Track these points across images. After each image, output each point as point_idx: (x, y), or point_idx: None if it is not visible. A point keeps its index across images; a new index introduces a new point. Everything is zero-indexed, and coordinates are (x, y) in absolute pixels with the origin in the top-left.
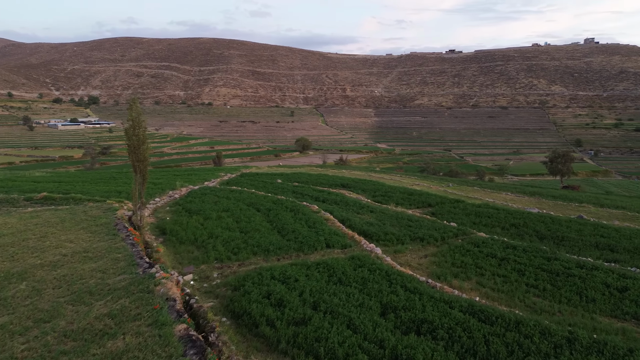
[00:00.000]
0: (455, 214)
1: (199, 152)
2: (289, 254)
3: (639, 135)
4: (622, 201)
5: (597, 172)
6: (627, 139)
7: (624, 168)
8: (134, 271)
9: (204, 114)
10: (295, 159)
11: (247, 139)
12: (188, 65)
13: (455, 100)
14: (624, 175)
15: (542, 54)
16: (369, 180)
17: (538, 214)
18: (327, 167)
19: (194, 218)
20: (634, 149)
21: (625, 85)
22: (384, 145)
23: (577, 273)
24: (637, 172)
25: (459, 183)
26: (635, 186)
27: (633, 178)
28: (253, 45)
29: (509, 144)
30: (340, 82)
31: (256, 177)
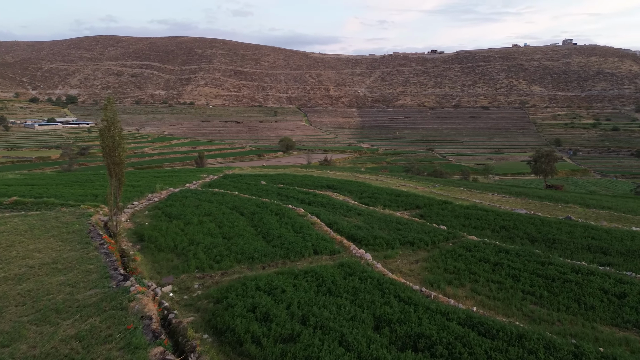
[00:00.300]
0: (444, 216)
1: (180, 153)
2: (275, 261)
3: (616, 134)
4: (608, 201)
5: (576, 171)
6: (605, 138)
7: (602, 167)
8: (106, 285)
9: (185, 114)
10: (279, 159)
11: (230, 139)
12: (169, 65)
13: (437, 100)
14: (602, 174)
15: (521, 55)
16: (355, 182)
17: (527, 216)
18: (311, 168)
19: (174, 223)
20: (611, 148)
21: (603, 86)
22: (368, 145)
23: (574, 278)
24: (614, 171)
25: (445, 184)
26: (613, 184)
27: (611, 177)
28: (235, 44)
29: (491, 144)
30: (323, 82)
31: (239, 178)
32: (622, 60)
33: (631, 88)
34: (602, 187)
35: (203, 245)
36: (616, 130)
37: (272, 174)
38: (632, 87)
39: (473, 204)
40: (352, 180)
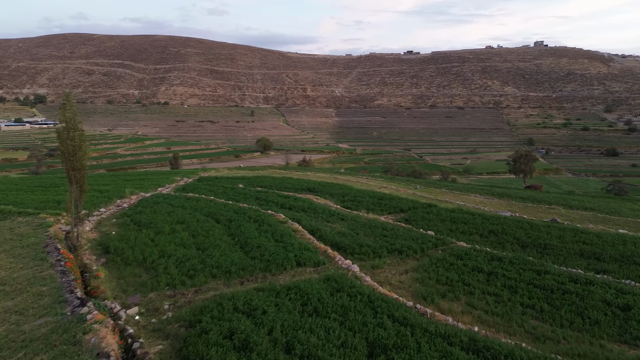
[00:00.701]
0: (430, 220)
1: (154, 154)
2: (255, 275)
3: (586, 134)
4: (589, 202)
5: (549, 170)
6: (576, 138)
7: (573, 166)
8: (60, 311)
9: (160, 114)
10: (257, 159)
11: (205, 139)
12: (142, 64)
13: (413, 100)
14: (574, 173)
15: (495, 56)
16: (336, 184)
17: (515, 219)
18: (290, 169)
19: (143, 232)
20: (582, 147)
21: (573, 87)
22: (346, 145)
23: (573, 289)
24: (585, 170)
25: (426, 185)
26: (584, 183)
27: (582, 175)
28: (211, 43)
29: (466, 143)
30: (300, 82)
31: (215, 181)
32: (591, 62)
33: (600, 89)
34: (574, 186)
35: (175, 257)
36: (586, 130)
37: (249, 176)
38: (601, 87)
39: (458, 206)
40: (333, 182)
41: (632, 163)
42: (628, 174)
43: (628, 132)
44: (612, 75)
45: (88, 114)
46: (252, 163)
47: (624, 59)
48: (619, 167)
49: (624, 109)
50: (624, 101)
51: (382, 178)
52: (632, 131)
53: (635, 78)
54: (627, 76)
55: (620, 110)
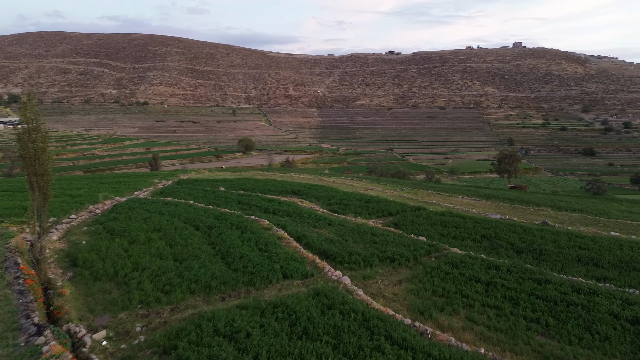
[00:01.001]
0: (420, 225)
1: (134, 154)
2: (237, 289)
3: (564, 134)
4: (577, 203)
5: (528, 169)
6: (554, 137)
7: (552, 165)
8: (11, 342)
9: (139, 114)
10: (239, 160)
11: (186, 140)
12: (121, 62)
13: (395, 100)
14: (553, 172)
15: (475, 57)
16: (322, 186)
17: (507, 223)
18: (274, 171)
19: (116, 242)
20: (560, 147)
21: (551, 87)
22: (328, 145)
23: (577, 300)
24: (564, 169)
25: (412, 186)
26: (563, 182)
27: (561, 174)
28: (191, 42)
29: (447, 143)
30: (282, 82)
31: (195, 184)
32: (568, 63)
33: (577, 89)
34: (554, 185)
35: (150, 270)
36: (564, 129)
37: (231, 178)
38: (578, 88)
39: (447, 209)
40: (318, 184)
41: (608, 162)
42: (605, 172)
43: (604, 132)
44: (588, 76)
45: (64, 114)
46: (234, 163)
47: (599, 60)
48: (596, 166)
49: (600, 109)
50: (600, 101)
51: (367, 179)
52: (608, 131)
53: (610, 79)
54: (603, 77)
55: (596, 111)
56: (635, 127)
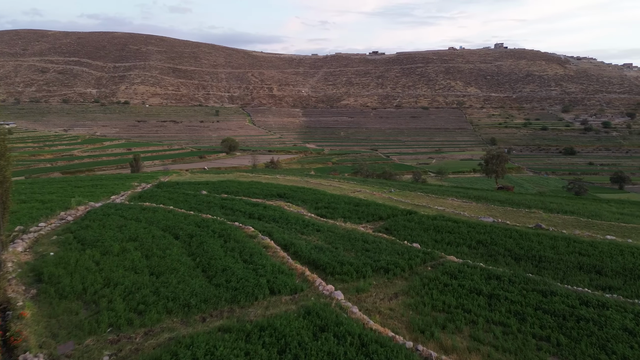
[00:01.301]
0: (412, 230)
1: (114, 155)
2: (219, 308)
3: (545, 133)
4: (568, 204)
5: (511, 168)
6: (535, 137)
7: (534, 164)
8: None
9: (119, 114)
10: (222, 160)
11: (168, 140)
12: (101, 61)
13: (379, 100)
14: (534, 171)
15: (457, 57)
16: (308, 188)
17: (502, 227)
18: (258, 172)
19: (87, 253)
20: (542, 146)
21: (532, 88)
22: (313, 145)
23: (587, 315)
24: (545, 168)
25: (401, 188)
26: (545, 181)
27: (542, 174)
28: (173, 41)
29: (431, 143)
30: (266, 82)
31: (176, 187)
32: (548, 64)
33: (557, 90)
34: (536, 184)
35: (123, 287)
36: (545, 129)
37: (214, 180)
38: (558, 88)
39: (439, 213)
40: (305, 186)
41: (588, 161)
42: (585, 171)
43: (584, 132)
44: (568, 77)
45: (42, 114)
46: (218, 164)
47: (579, 61)
48: (577, 165)
49: (579, 109)
50: (580, 102)
51: (354, 181)
52: (588, 130)
53: (590, 79)
54: (582, 77)
55: (576, 111)
56: (614, 127)
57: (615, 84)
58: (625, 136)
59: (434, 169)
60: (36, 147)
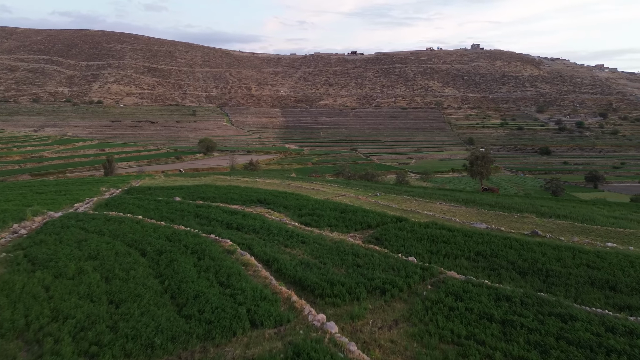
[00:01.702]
0: (405, 240)
1: (87, 156)
2: (190, 347)
3: (521, 133)
4: (559, 208)
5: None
6: (512, 137)
7: (511, 164)
8: None
9: (92, 113)
10: (200, 161)
11: (144, 140)
12: (73, 60)
13: (359, 100)
14: (512, 171)
15: (435, 58)
16: (290, 193)
17: (500, 236)
18: (236, 174)
19: (37, 276)
20: (518, 146)
21: (508, 88)
22: (293, 145)
23: (617, 345)
24: (522, 168)
25: (386, 190)
26: (522, 180)
27: (519, 173)
28: (148, 39)
29: (410, 143)
30: (244, 81)
31: (148, 193)
32: (523, 65)
33: (532, 90)
34: (514, 184)
35: (74, 321)
36: (521, 129)
37: (189, 185)
38: (533, 89)
39: (431, 220)
40: (286, 190)
41: (563, 161)
42: (560, 171)
43: (558, 132)
44: (542, 78)
45: (11, 114)
46: (195, 165)
47: (552, 62)
48: (552, 164)
49: (554, 109)
50: (554, 102)
51: (337, 183)
52: (562, 130)
53: (563, 80)
54: (556, 78)
55: (550, 111)
56: (587, 127)
57: (587, 84)
58: (598, 136)
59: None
60: (4, 148)
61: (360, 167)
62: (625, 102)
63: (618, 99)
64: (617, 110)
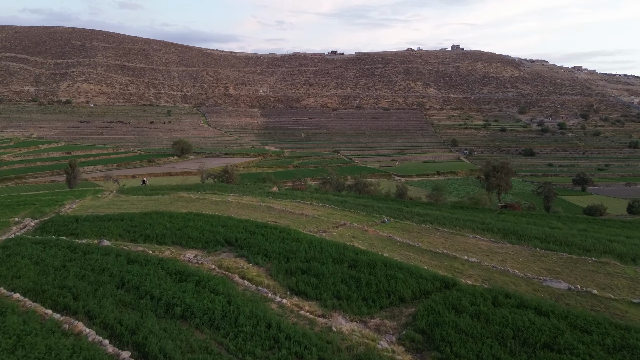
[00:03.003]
0: (476, 341)
1: (50, 160)
2: None
3: (504, 134)
4: (625, 242)
5: (474, 170)
6: (495, 138)
7: None
8: None
9: (60, 114)
10: (173, 164)
11: (114, 142)
12: (40, 57)
13: (340, 101)
14: None
15: (416, 58)
16: (273, 227)
17: (634, 328)
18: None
19: None
20: (502, 147)
21: (489, 89)
22: (273, 147)
23: None
24: None
25: (392, 213)
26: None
27: None
28: (121, 37)
29: (393, 145)
30: (222, 80)
31: (70, 229)
32: (503, 66)
33: (513, 91)
34: None
35: None
36: (504, 130)
37: (136, 212)
38: (514, 90)
39: (492, 283)
40: (267, 222)
41: (547, 162)
42: (546, 173)
43: (541, 133)
44: (523, 79)
45: None
46: (168, 169)
47: (532, 63)
48: (537, 166)
49: (535, 110)
50: (535, 103)
51: (330, 202)
52: (545, 132)
53: (543, 81)
54: (537, 79)
55: (532, 112)
56: (569, 128)
57: (567, 85)
58: (580, 137)
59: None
60: None
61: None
62: (605, 104)
63: (598, 100)
64: (597, 112)
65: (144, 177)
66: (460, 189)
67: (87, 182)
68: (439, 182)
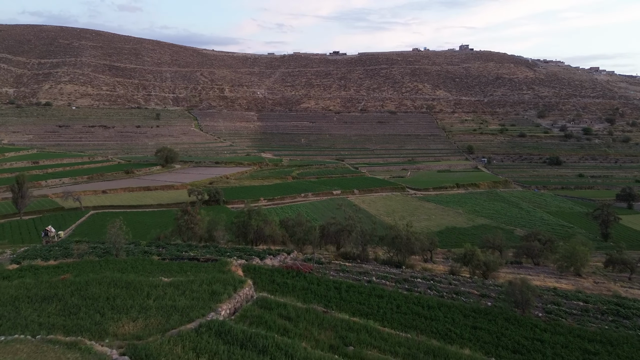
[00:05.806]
0: None
1: (11, 171)
2: None
3: (524, 140)
4: None
5: (497, 182)
6: (514, 145)
7: (520, 177)
8: None
9: (38, 117)
10: (155, 176)
11: (93, 149)
12: (24, 57)
13: (343, 104)
14: (523, 185)
15: (423, 59)
16: None
17: None
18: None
19: None
20: (523, 155)
21: (503, 91)
22: (270, 154)
23: None
24: (533, 181)
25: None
26: (539, 198)
27: (532, 188)
28: (112, 36)
29: (402, 152)
30: (217, 82)
31: None
32: (517, 66)
33: (530, 93)
34: (532, 202)
35: None
36: (523, 136)
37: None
38: (531, 92)
39: None
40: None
41: (577, 173)
42: (578, 185)
43: (564, 139)
44: (539, 80)
45: None
46: (147, 182)
47: (546, 65)
48: (566, 177)
49: (555, 114)
50: (555, 106)
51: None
52: (568, 137)
53: (561, 83)
54: (554, 81)
55: (552, 116)
56: (595, 134)
57: (587, 87)
58: (609, 144)
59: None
60: None
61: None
62: (630, 107)
63: (622, 103)
64: (623, 116)
65: (47, 227)
66: (487, 205)
67: (46, 199)
68: (462, 198)
